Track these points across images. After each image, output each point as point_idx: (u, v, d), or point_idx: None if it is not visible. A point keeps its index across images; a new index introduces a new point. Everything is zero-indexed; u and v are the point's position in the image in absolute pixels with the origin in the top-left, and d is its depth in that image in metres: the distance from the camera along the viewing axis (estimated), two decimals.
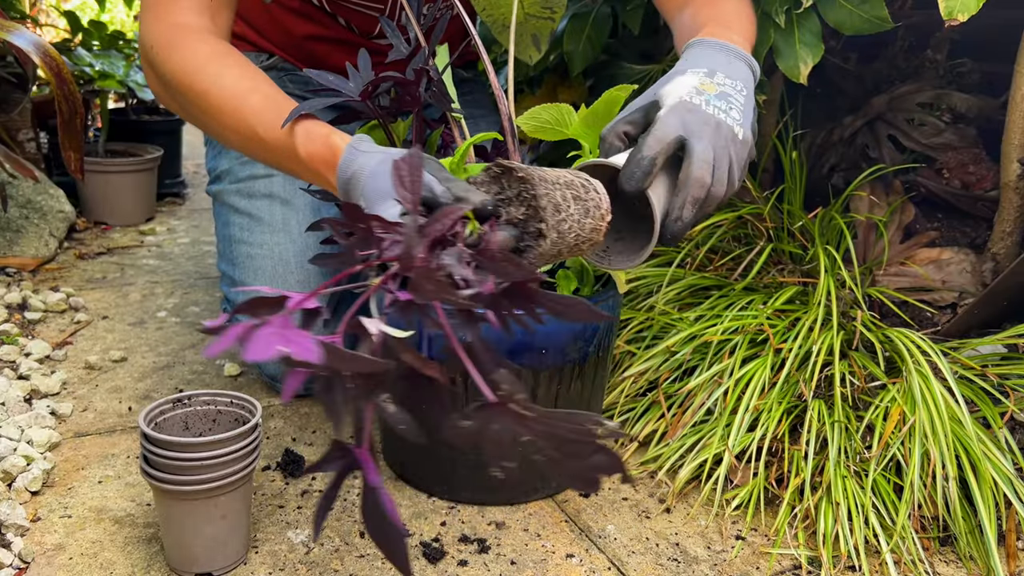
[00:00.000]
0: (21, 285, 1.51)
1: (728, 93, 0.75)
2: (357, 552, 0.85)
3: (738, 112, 0.74)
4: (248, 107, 0.83)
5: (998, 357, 1.03)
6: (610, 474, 0.46)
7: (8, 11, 1.83)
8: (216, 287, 1.59)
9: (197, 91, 0.85)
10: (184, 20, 0.89)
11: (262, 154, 0.86)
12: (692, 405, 1.02)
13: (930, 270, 1.19)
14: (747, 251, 1.20)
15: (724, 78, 0.76)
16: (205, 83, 0.85)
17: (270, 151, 0.83)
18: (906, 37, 1.52)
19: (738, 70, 0.78)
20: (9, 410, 1.05)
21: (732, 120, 0.73)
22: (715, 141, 0.71)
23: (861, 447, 0.92)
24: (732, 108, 0.74)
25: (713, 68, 0.77)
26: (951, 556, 0.89)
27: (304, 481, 0.97)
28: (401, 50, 0.92)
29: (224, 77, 0.85)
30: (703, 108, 0.72)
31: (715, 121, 0.72)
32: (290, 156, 0.81)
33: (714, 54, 0.79)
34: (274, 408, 1.14)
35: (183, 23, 0.88)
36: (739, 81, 0.77)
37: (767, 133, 1.40)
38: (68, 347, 1.30)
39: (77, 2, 3.13)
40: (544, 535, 0.90)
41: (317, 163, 0.79)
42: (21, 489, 0.90)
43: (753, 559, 0.88)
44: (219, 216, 1.23)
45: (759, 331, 1.06)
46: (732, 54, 0.79)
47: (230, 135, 0.86)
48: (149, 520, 0.88)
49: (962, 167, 1.32)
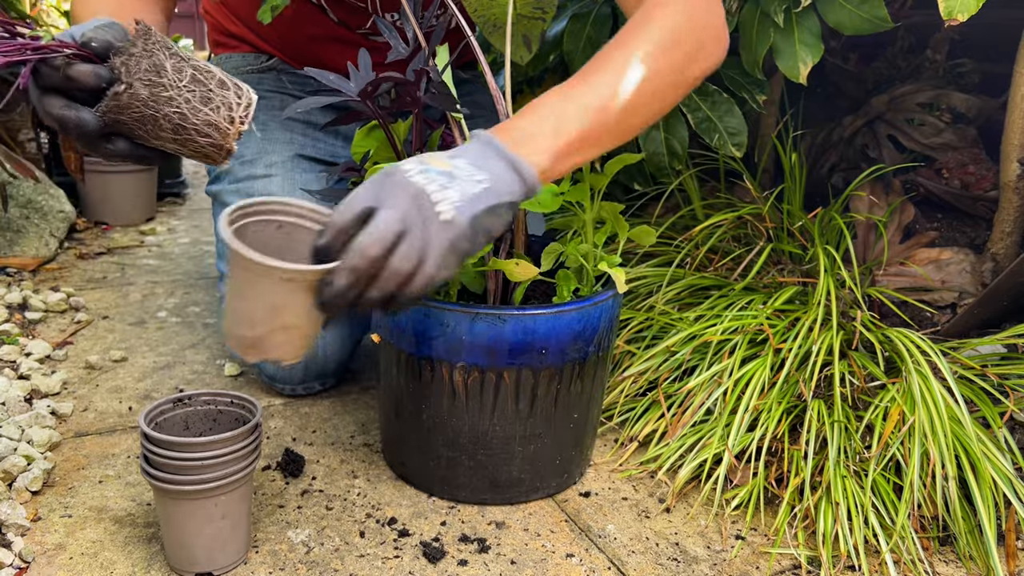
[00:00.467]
0: (21, 285, 1.51)
1: (457, 176, 0.67)
2: (357, 552, 0.85)
3: (458, 194, 0.66)
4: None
5: (998, 357, 1.03)
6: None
7: (8, 11, 1.83)
8: (216, 287, 1.59)
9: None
10: None
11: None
12: (692, 405, 1.03)
13: (930, 270, 1.19)
14: (747, 251, 1.20)
15: (465, 164, 0.69)
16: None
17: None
18: (906, 37, 1.53)
19: (493, 166, 0.70)
20: (9, 410, 1.05)
21: (443, 197, 0.65)
22: (407, 213, 0.65)
23: (861, 447, 0.92)
24: (451, 187, 0.66)
25: (458, 154, 0.70)
26: (951, 556, 0.89)
27: (304, 481, 0.97)
28: (400, 50, 0.92)
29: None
30: (409, 176, 0.66)
31: (415, 190, 0.65)
32: None
33: (476, 148, 0.71)
34: (274, 408, 1.14)
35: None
36: (485, 175, 0.68)
37: (767, 133, 1.40)
38: (68, 347, 1.30)
39: None
40: (544, 535, 0.90)
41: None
42: (21, 489, 0.90)
43: (753, 559, 0.88)
44: (217, 216, 1.23)
45: (759, 331, 1.06)
46: (495, 152, 0.71)
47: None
48: (149, 520, 0.88)
49: (962, 167, 1.32)
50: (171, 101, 0.68)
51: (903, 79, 1.51)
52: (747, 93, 1.22)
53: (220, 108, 0.69)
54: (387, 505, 0.93)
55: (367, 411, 1.15)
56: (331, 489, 0.96)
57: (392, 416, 0.96)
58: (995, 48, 1.34)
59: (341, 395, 1.19)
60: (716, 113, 1.21)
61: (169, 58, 0.68)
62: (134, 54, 0.68)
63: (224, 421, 0.84)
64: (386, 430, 1.00)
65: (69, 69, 0.68)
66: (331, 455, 1.03)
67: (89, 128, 0.70)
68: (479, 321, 0.84)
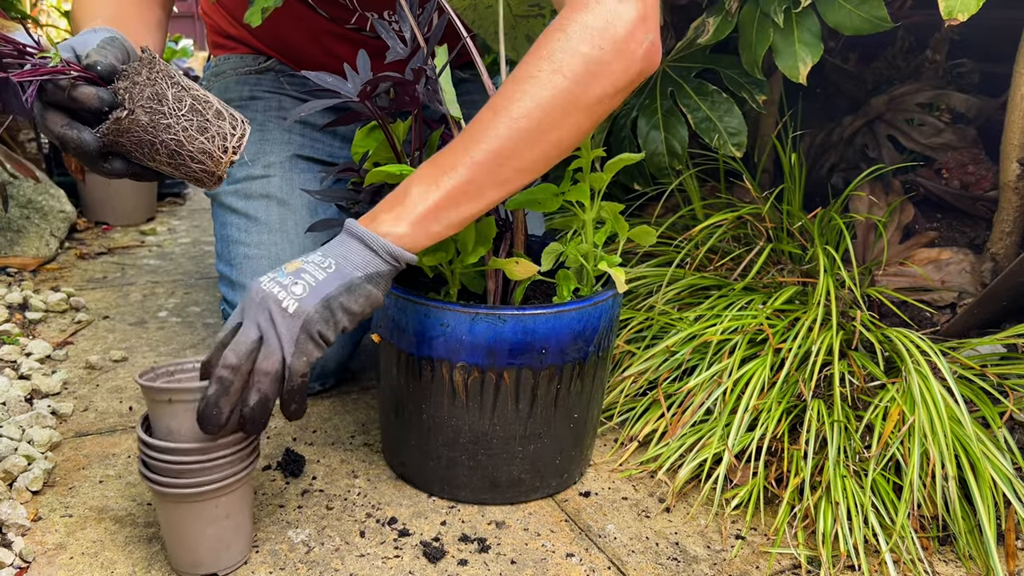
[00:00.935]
0: (22, 285, 1.51)
1: (305, 270, 0.74)
2: (357, 551, 0.85)
3: (301, 287, 0.73)
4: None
5: (997, 357, 1.03)
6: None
7: (8, 11, 1.83)
8: (216, 287, 1.59)
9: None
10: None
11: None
12: (692, 405, 1.03)
13: (929, 270, 1.19)
14: (747, 251, 1.20)
15: (317, 256, 0.75)
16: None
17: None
18: (906, 37, 1.53)
19: (343, 249, 0.75)
20: (10, 410, 1.05)
21: (287, 294, 0.72)
22: (259, 319, 0.72)
23: (860, 447, 0.92)
24: (298, 283, 0.73)
25: (321, 249, 0.76)
26: (950, 556, 0.89)
27: (304, 481, 0.97)
28: (398, 51, 0.92)
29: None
30: (261, 285, 0.73)
31: (261, 296, 0.72)
32: None
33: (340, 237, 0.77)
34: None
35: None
36: (331, 260, 0.74)
37: (767, 133, 1.40)
38: (69, 347, 1.30)
39: None
40: (544, 534, 0.90)
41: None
42: (22, 489, 0.90)
43: (753, 558, 0.88)
44: (217, 217, 1.23)
45: (759, 331, 1.06)
46: (350, 234, 0.76)
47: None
48: (150, 519, 0.88)
49: (961, 167, 1.32)
50: (169, 128, 0.71)
51: (903, 79, 1.51)
52: (747, 93, 1.22)
53: (215, 138, 0.73)
54: (387, 505, 0.93)
55: (367, 411, 1.15)
56: (331, 489, 0.96)
57: (392, 416, 0.96)
58: (995, 48, 1.34)
59: (341, 395, 1.19)
60: (716, 113, 1.21)
61: (171, 87, 0.72)
62: (138, 82, 0.71)
63: None
64: (386, 430, 1.00)
65: (74, 91, 0.71)
66: (331, 455, 1.03)
67: (89, 148, 0.73)
68: (479, 321, 0.84)
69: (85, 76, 0.71)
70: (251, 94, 1.26)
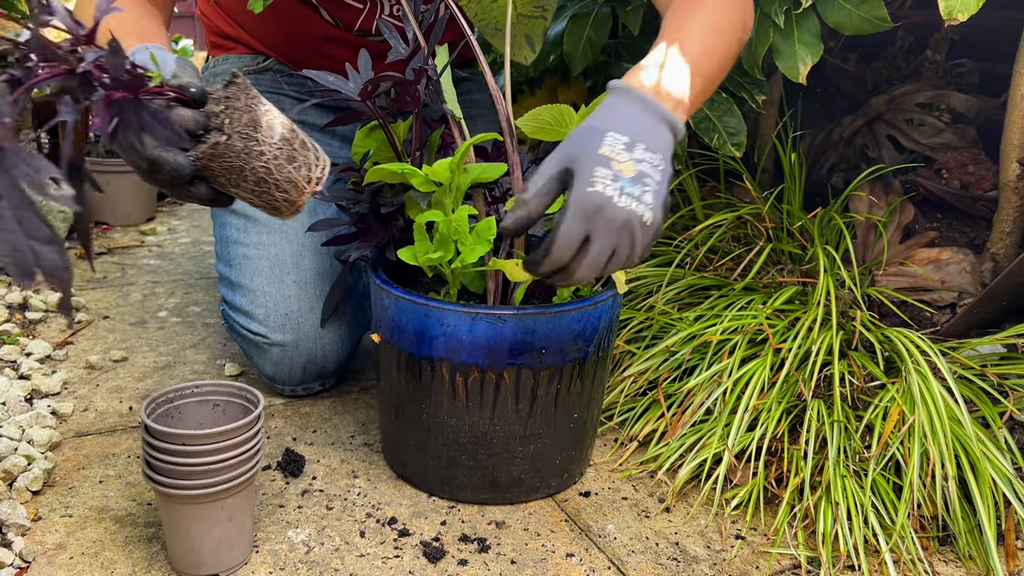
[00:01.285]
0: (22, 285, 1.51)
1: (645, 172, 0.73)
2: (357, 551, 0.85)
3: (651, 196, 0.73)
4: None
5: (997, 357, 1.03)
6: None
7: (9, 11, 1.83)
8: (216, 287, 1.59)
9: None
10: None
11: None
12: (692, 405, 1.03)
13: (929, 270, 1.19)
14: (747, 251, 1.20)
15: (644, 151, 0.74)
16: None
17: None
18: (906, 37, 1.53)
19: (660, 138, 0.76)
20: (10, 410, 1.05)
21: (644, 206, 0.72)
22: (616, 240, 0.73)
23: (860, 447, 0.92)
24: (646, 191, 0.73)
25: (634, 138, 0.74)
26: (950, 556, 0.89)
27: (304, 481, 0.97)
28: (400, 50, 0.92)
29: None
30: (615, 203, 0.72)
31: (622, 219, 0.72)
32: None
33: (639, 116, 0.76)
34: (274, 408, 1.14)
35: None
36: (658, 154, 0.75)
37: (766, 133, 1.40)
38: (69, 347, 1.30)
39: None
40: (544, 534, 0.90)
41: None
42: (22, 489, 0.90)
43: (753, 558, 0.88)
44: (216, 217, 1.23)
45: (759, 331, 1.06)
46: (657, 117, 0.77)
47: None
48: (150, 519, 0.88)
49: (961, 167, 1.32)
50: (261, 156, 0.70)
51: (903, 79, 1.51)
52: (746, 93, 1.22)
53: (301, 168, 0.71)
54: (387, 505, 0.93)
55: (367, 411, 1.15)
56: (331, 489, 0.96)
57: (392, 416, 0.96)
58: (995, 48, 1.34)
59: (341, 395, 1.19)
60: (715, 113, 1.21)
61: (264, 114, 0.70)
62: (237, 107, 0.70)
63: (224, 413, 0.84)
64: (386, 430, 1.00)
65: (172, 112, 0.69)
66: (331, 455, 1.03)
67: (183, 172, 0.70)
68: (479, 321, 0.84)
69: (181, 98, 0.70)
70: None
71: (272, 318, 1.11)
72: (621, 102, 0.77)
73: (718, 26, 0.86)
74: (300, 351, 1.12)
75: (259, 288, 1.12)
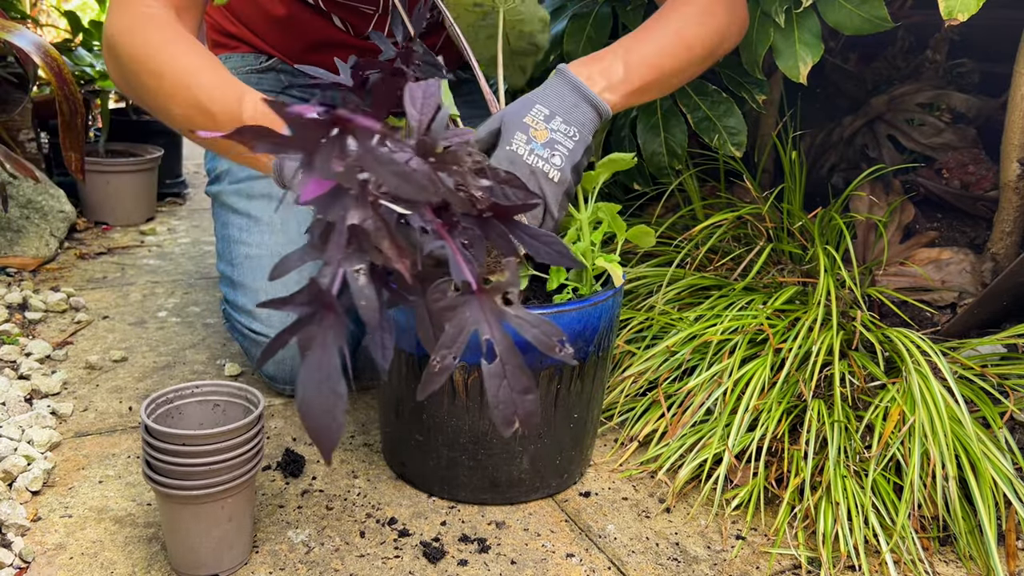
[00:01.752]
0: (22, 285, 1.51)
1: (557, 140, 0.86)
2: (357, 552, 0.85)
3: (560, 158, 0.86)
4: (200, 84, 0.87)
5: (998, 357, 1.03)
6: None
7: (8, 11, 1.83)
8: (216, 287, 1.59)
9: (152, 71, 0.89)
10: (148, 11, 0.93)
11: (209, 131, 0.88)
12: (692, 405, 1.03)
13: (930, 270, 1.19)
14: (747, 251, 1.20)
15: (560, 123, 0.87)
16: (161, 63, 0.89)
17: (218, 127, 0.86)
18: (906, 37, 1.53)
19: (580, 115, 0.88)
20: (10, 410, 1.05)
21: (550, 165, 0.85)
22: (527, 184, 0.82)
23: (861, 447, 0.92)
24: (555, 155, 0.86)
25: (554, 111, 0.87)
26: (951, 556, 0.89)
27: (304, 481, 0.97)
28: (389, 52, 0.93)
29: (179, 58, 0.89)
30: (524, 159, 0.85)
31: (529, 170, 0.85)
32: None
33: (566, 95, 0.89)
34: (274, 408, 1.14)
35: (147, 12, 0.93)
36: (573, 127, 0.87)
37: (767, 133, 1.40)
38: (69, 347, 1.30)
39: (77, 2, 3.13)
40: (544, 535, 0.90)
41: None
42: (22, 489, 0.90)
43: (753, 559, 0.88)
44: (218, 217, 1.23)
45: (759, 331, 1.06)
46: (582, 97, 0.89)
47: (179, 112, 0.89)
48: (150, 520, 0.88)
49: (962, 167, 1.32)
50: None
51: (903, 79, 1.51)
52: (747, 93, 1.22)
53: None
54: (387, 505, 0.93)
55: (367, 411, 1.15)
56: (331, 489, 0.96)
57: (392, 416, 0.96)
58: (995, 48, 1.34)
59: None
60: (715, 113, 1.21)
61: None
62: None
63: (225, 416, 0.84)
64: (386, 430, 1.00)
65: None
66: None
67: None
68: None
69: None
70: None
71: (274, 317, 1.11)
72: (556, 82, 0.90)
73: (682, 33, 0.97)
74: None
75: (261, 287, 1.12)
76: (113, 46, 0.92)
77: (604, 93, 0.90)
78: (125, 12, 0.93)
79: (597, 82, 0.90)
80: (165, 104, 0.90)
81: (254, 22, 1.26)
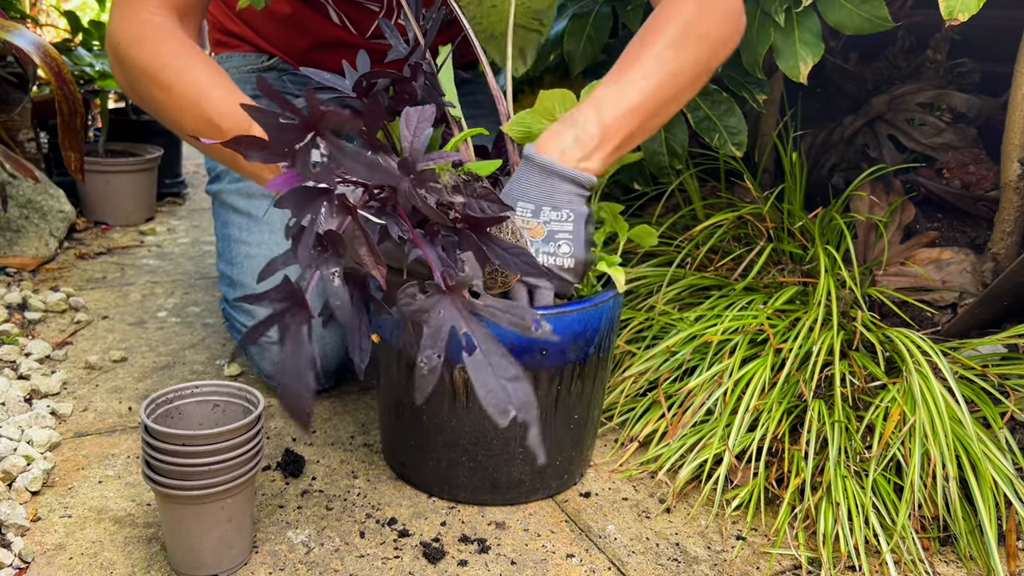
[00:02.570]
0: (21, 285, 1.51)
1: (554, 231, 0.84)
2: (357, 552, 0.85)
3: (567, 245, 0.84)
4: (209, 99, 0.87)
5: (998, 357, 1.03)
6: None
7: (8, 11, 1.83)
8: (216, 287, 1.59)
9: (162, 84, 0.89)
10: (153, 19, 0.92)
11: (216, 147, 0.89)
12: (692, 405, 1.02)
13: (930, 270, 1.19)
14: (747, 251, 1.20)
15: (549, 213, 0.84)
16: (170, 77, 0.88)
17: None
18: (906, 37, 1.53)
19: (563, 197, 0.84)
20: (9, 410, 1.05)
21: (560, 257, 0.84)
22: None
23: (861, 447, 0.92)
24: (560, 244, 0.84)
25: (538, 203, 0.84)
26: (951, 556, 0.89)
27: (304, 481, 0.97)
28: (400, 50, 0.92)
29: (188, 72, 0.89)
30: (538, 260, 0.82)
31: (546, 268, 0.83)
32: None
33: (541, 182, 0.84)
34: (274, 408, 1.14)
35: (152, 21, 0.92)
36: (564, 210, 0.84)
37: (767, 133, 1.40)
38: (68, 347, 1.30)
39: (77, 2, 3.13)
40: (544, 535, 0.90)
41: None
42: (21, 489, 0.90)
43: (753, 559, 0.88)
44: (218, 216, 1.23)
45: (759, 331, 1.06)
46: (559, 178, 0.84)
47: (189, 125, 0.89)
48: (149, 520, 0.88)
49: (962, 167, 1.32)
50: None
51: (903, 79, 1.51)
52: (747, 92, 1.22)
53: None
54: (387, 505, 0.93)
55: (367, 411, 1.15)
56: (331, 489, 0.96)
57: (392, 416, 0.96)
58: (995, 48, 1.34)
59: (341, 395, 1.19)
60: (716, 112, 1.21)
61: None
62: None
63: (225, 416, 0.84)
64: (386, 430, 1.00)
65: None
66: (331, 455, 1.03)
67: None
68: None
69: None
70: (253, 93, 1.26)
71: None
72: (526, 171, 0.85)
73: (663, 60, 0.88)
74: None
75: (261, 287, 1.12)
76: (120, 56, 0.92)
77: (581, 163, 0.84)
78: (131, 20, 0.92)
79: (571, 155, 0.84)
80: (176, 117, 0.90)
81: (257, 20, 1.26)
